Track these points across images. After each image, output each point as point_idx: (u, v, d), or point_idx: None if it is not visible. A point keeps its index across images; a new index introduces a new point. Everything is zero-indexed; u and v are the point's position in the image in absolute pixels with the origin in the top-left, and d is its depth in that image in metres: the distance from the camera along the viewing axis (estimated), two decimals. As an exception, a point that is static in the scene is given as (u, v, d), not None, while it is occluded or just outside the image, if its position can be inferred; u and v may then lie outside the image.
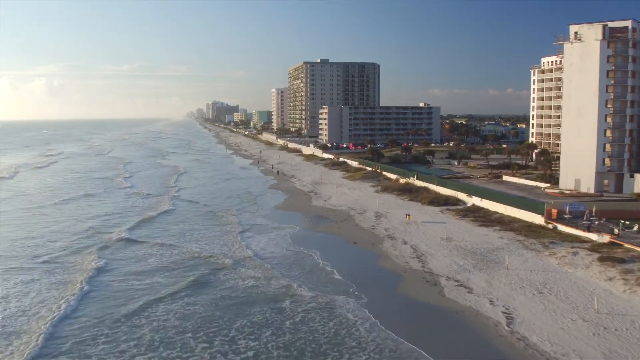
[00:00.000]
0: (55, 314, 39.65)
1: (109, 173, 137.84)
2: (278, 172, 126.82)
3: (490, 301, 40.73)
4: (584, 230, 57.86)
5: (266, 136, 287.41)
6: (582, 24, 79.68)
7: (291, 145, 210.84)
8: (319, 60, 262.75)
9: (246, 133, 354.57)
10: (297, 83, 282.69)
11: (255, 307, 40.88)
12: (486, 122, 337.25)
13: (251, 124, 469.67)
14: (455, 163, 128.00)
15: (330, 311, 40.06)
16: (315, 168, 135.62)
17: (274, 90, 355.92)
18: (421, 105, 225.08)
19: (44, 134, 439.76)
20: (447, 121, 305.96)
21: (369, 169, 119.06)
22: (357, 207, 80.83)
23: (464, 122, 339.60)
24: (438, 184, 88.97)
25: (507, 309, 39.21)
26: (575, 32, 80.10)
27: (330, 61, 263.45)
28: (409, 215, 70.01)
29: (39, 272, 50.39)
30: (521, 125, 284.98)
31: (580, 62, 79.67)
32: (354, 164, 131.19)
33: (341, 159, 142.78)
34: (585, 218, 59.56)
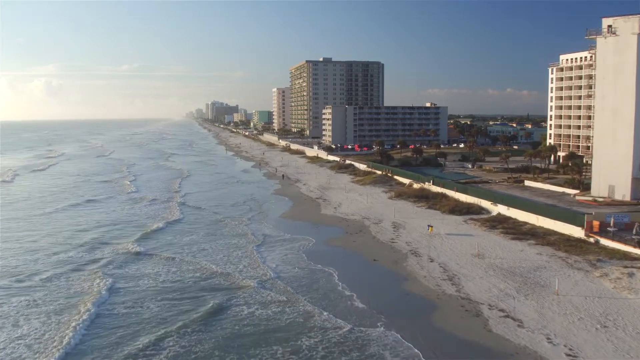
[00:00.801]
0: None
1: (113, 176, 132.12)
2: (283, 176, 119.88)
3: (548, 338, 34.09)
4: (634, 246, 51.28)
5: (267, 137, 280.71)
6: (617, 16, 73.01)
7: (294, 146, 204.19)
8: (321, 59, 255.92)
9: (246, 134, 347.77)
10: (299, 82, 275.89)
11: (263, 346, 34.22)
12: (491, 123, 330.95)
13: (251, 124, 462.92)
14: (469, 166, 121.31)
15: (360, 349, 33.43)
16: (321, 171, 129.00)
17: (275, 89, 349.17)
18: (427, 105, 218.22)
19: (44, 134, 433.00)
20: (451, 121, 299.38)
21: (379, 172, 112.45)
22: (371, 216, 74.22)
23: (468, 123, 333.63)
24: (457, 191, 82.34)
25: (570, 349, 32.60)
26: (609, 26, 73.45)
27: (333, 60, 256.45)
28: (431, 227, 63.31)
29: (24, 298, 43.77)
30: (527, 125, 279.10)
31: (615, 58, 73.00)
32: (362, 167, 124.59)
33: (348, 162, 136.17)
34: (634, 232, 52.95)
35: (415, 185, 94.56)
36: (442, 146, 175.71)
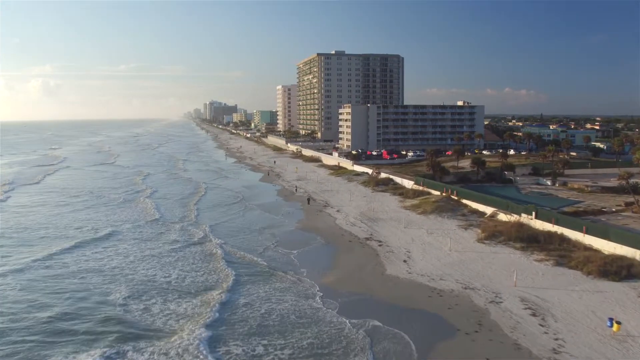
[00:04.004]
0: None
1: (127, 189, 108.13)
2: (309, 200, 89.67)
3: None
4: None
5: (273, 140, 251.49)
6: None
7: (307, 152, 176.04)
8: (334, 52, 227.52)
9: (248, 135, 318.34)
10: (308, 79, 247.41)
11: None
12: (509, 123, 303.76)
13: (252, 125, 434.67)
14: (549, 183, 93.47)
15: None
16: (352, 188, 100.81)
17: (279, 87, 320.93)
18: (460, 103, 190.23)
19: (47, 136, 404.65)
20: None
21: (436, 192, 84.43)
22: (472, 281, 46.26)
23: (489, 123, 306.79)
24: (588, 232, 54.42)
25: None
26: None
27: (347, 53, 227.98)
28: (618, 323, 35.19)
29: None
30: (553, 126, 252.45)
31: None
32: (407, 183, 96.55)
33: (383, 175, 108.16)
34: None
35: (503, 217, 66.73)
36: (482, 152, 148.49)
